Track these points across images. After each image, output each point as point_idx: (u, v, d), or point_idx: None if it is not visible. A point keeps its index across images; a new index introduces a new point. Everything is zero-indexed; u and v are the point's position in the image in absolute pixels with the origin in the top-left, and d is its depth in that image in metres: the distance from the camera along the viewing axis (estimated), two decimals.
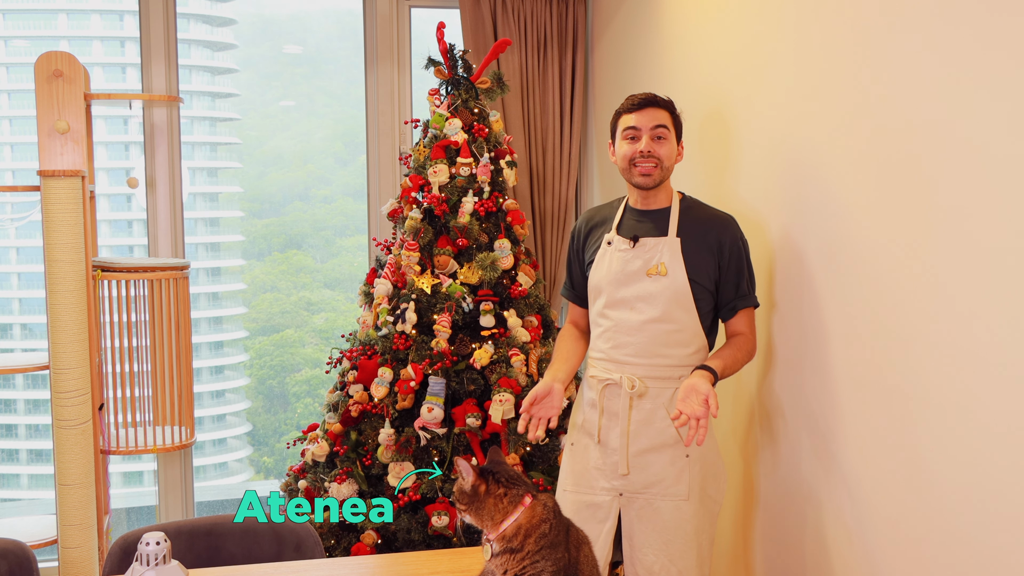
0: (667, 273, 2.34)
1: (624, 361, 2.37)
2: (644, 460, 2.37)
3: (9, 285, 7.89)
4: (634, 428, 2.36)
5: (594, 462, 2.42)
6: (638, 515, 2.37)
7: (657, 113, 2.38)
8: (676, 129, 2.42)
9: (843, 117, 2.22)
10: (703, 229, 2.39)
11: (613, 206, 2.53)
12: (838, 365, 2.27)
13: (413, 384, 3.25)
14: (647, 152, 2.35)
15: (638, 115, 2.37)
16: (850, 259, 2.21)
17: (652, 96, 2.40)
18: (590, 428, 2.44)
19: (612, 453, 2.38)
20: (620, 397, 2.37)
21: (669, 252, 2.36)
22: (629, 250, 2.38)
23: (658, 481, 2.36)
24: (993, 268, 1.72)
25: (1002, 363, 1.70)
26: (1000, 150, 1.70)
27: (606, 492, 2.40)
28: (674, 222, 2.39)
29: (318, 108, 8.73)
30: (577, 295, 2.60)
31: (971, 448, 1.79)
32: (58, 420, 2.92)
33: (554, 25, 4.15)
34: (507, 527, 1.66)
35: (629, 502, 2.38)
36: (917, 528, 1.97)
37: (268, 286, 8.55)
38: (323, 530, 3.27)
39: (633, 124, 2.37)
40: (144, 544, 1.84)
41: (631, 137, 2.38)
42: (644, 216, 2.43)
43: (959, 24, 1.80)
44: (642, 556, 2.37)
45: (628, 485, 2.38)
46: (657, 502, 2.36)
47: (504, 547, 1.66)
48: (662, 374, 2.36)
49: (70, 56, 2.96)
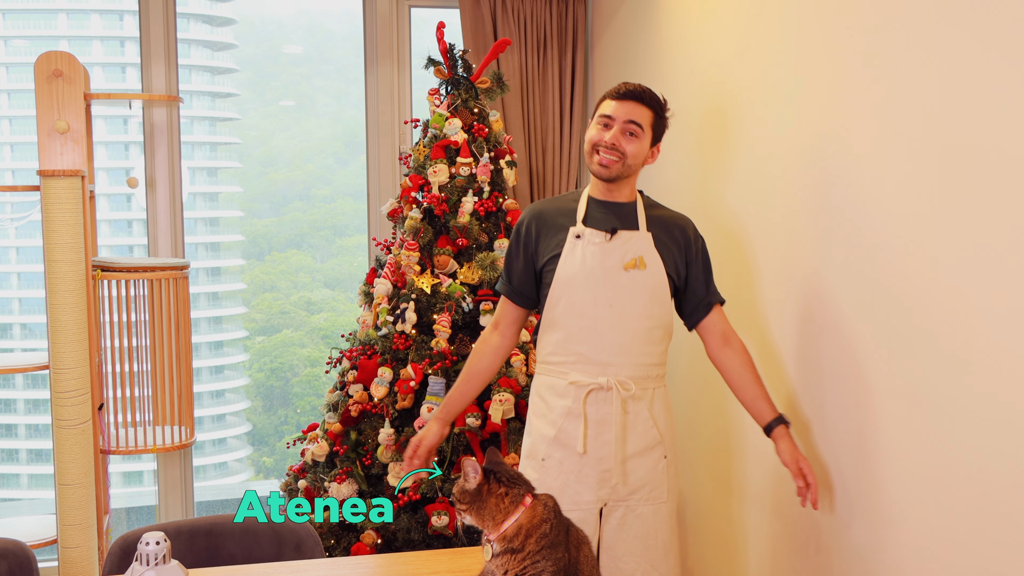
0: (646, 267, 2.26)
1: (608, 362, 2.26)
2: (630, 466, 2.28)
3: (9, 285, 7.90)
4: (624, 434, 2.28)
5: (576, 475, 2.27)
6: (619, 524, 2.28)
7: (638, 109, 2.27)
8: (655, 131, 2.31)
9: (846, 118, 2.22)
10: (668, 225, 2.34)
11: (568, 199, 2.39)
12: (838, 368, 2.27)
13: (413, 384, 3.25)
14: (611, 144, 2.25)
15: (618, 104, 2.27)
16: (859, 263, 2.21)
17: (640, 91, 2.29)
18: (569, 440, 2.28)
19: (600, 463, 2.27)
20: (609, 402, 2.26)
21: (644, 245, 2.28)
22: (604, 243, 2.26)
23: (642, 486, 2.29)
24: (999, 268, 1.72)
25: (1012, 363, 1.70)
26: (1009, 149, 1.70)
27: (591, 505, 2.27)
28: (642, 216, 2.32)
29: (318, 108, 8.73)
30: (517, 292, 2.41)
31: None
32: (58, 420, 2.92)
33: (554, 25, 4.15)
34: (508, 527, 1.66)
35: (610, 512, 2.28)
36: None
37: (268, 286, 8.55)
38: (323, 530, 3.27)
39: (610, 113, 2.27)
40: (144, 544, 1.84)
41: (604, 124, 2.28)
42: (610, 208, 2.32)
43: (963, 22, 1.80)
44: (623, 565, 2.28)
45: (613, 494, 2.28)
46: (640, 508, 2.29)
47: (505, 547, 1.66)
48: (643, 373, 2.28)
49: (70, 56, 2.96)
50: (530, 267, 2.38)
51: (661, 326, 2.30)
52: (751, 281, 2.74)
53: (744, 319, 2.74)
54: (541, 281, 2.36)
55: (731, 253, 2.81)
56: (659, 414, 2.32)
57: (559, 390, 2.31)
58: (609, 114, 2.28)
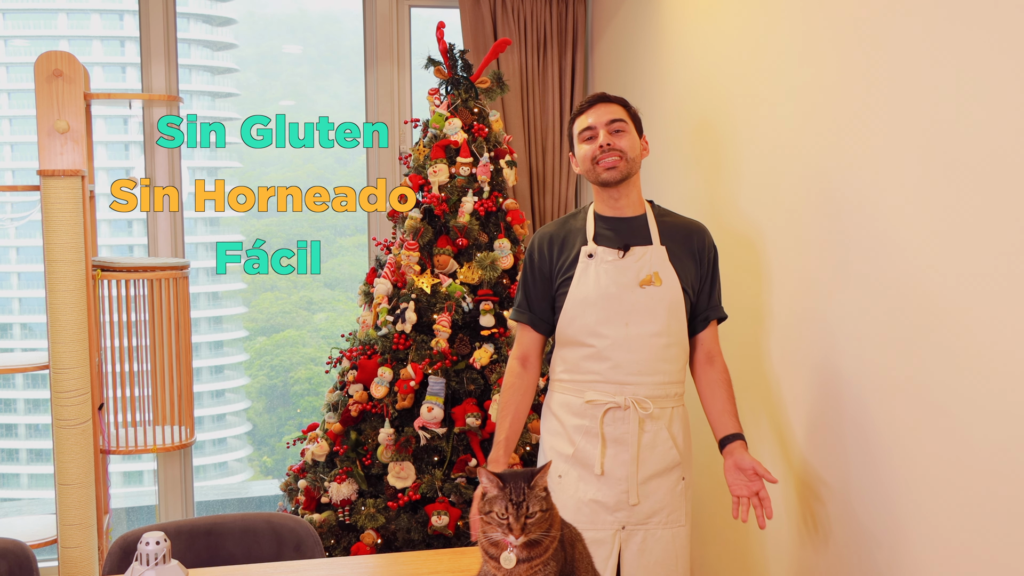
0: (662, 283, 2.24)
1: (625, 381, 2.22)
2: (648, 488, 2.24)
3: (9, 285, 7.90)
4: (642, 454, 2.24)
5: (593, 495, 2.24)
6: (640, 549, 2.24)
7: (610, 108, 2.29)
8: (635, 123, 2.32)
9: (850, 119, 2.22)
10: (683, 235, 2.31)
11: (576, 217, 2.37)
12: (846, 372, 2.27)
13: (413, 384, 3.25)
14: (607, 145, 2.24)
15: (591, 113, 2.29)
16: (863, 265, 2.21)
17: (601, 94, 2.32)
18: (587, 459, 2.25)
19: (617, 483, 2.23)
20: (627, 421, 2.22)
21: (659, 260, 2.26)
22: (618, 261, 2.24)
23: (660, 509, 2.25)
24: (1008, 270, 1.72)
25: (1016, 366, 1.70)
26: (1013, 150, 1.70)
27: (608, 526, 2.23)
28: (654, 229, 2.29)
29: (318, 108, 8.73)
30: (538, 318, 2.36)
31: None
32: (58, 420, 2.92)
33: (554, 25, 4.15)
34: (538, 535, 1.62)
35: (630, 536, 2.24)
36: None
37: (268, 286, 8.55)
38: (323, 530, 3.27)
39: (589, 123, 2.28)
40: (144, 544, 1.84)
41: (589, 137, 2.28)
42: (619, 224, 2.30)
43: (969, 22, 1.80)
44: None
45: (632, 516, 2.23)
46: (659, 532, 2.25)
47: (527, 555, 1.62)
48: (662, 392, 2.25)
49: (70, 56, 2.96)
50: (548, 290, 2.34)
51: (678, 343, 2.27)
52: (759, 287, 2.73)
53: (752, 323, 2.74)
54: (555, 303, 2.34)
55: (735, 258, 2.81)
56: (678, 433, 2.29)
57: (575, 409, 2.28)
58: (589, 124, 2.29)
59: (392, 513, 3.22)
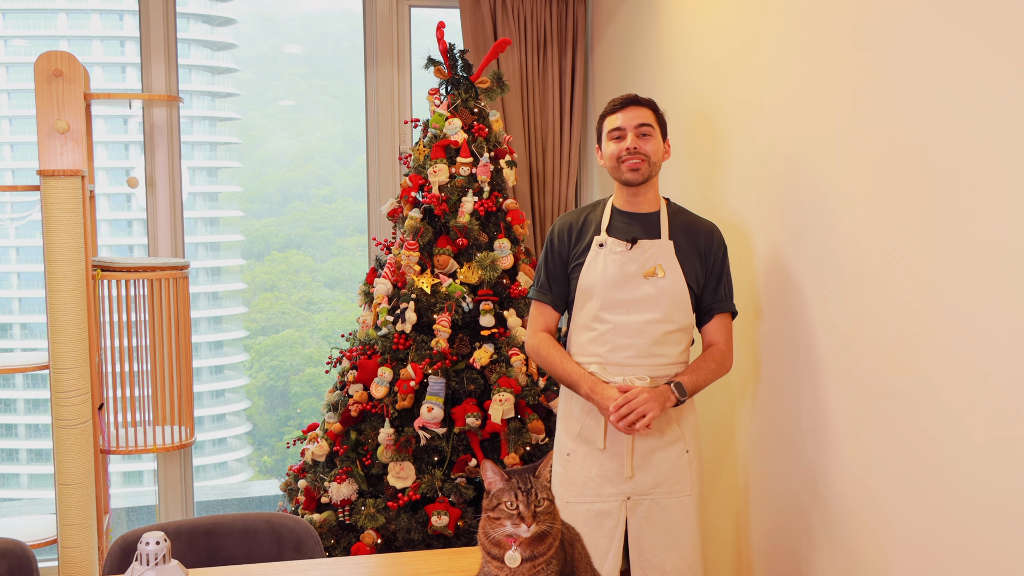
0: (665, 275, 2.37)
1: (624, 363, 2.38)
2: (650, 460, 2.39)
3: (9, 285, 7.90)
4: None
5: (598, 469, 2.40)
6: (645, 517, 2.39)
7: (640, 112, 2.42)
8: (660, 127, 2.45)
9: (843, 119, 2.22)
10: (692, 233, 2.45)
11: (595, 208, 2.52)
12: (832, 371, 2.27)
13: (413, 384, 3.25)
14: (633, 148, 2.38)
15: (622, 115, 2.42)
16: (847, 266, 2.21)
17: (634, 96, 2.45)
18: (591, 435, 2.42)
19: (620, 456, 2.39)
20: None
21: (665, 255, 2.39)
22: (625, 252, 2.39)
23: (664, 480, 2.40)
24: (993, 272, 1.72)
25: (1001, 364, 1.70)
26: (1000, 153, 1.70)
27: (613, 498, 2.39)
28: (665, 225, 2.43)
29: (318, 108, 8.73)
30: (556, 299, 2.51)
31: (974, 449, 1.79)
32: (58, 420, 2.92)
33: (554, 25, 4.15)
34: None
35: (636, 505, 2.39)
36: (921, 530, 1.97)
37: (268, 286, 8.55)
38: (323, 530, 3.27)
39: (619, 124, 2.42)
40: (144, 544, 1.84)
41: (617, 137, 2.42)
42: (633, 219, 2.45)
43: (960, 25, 1.80)
44: (652, 557, 2.39)
45: (635, 488, 2.39)
46: (664, 501, 2.40)
47: (531, 553, 1.62)
48: (659, 372, 2.39)
49: (70, 56, 2.96)
50: (565, 272, 2.49)
51: (680, 329, 2.41)
52: (751, 282, 2.74)
53: (741, 317, 2.75)
54: (570, 285, 2.48)
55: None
56: (679, 411, 2.42)
57: None
58: (619, 125, 2.42)
59: (392, 513, 3.22)
